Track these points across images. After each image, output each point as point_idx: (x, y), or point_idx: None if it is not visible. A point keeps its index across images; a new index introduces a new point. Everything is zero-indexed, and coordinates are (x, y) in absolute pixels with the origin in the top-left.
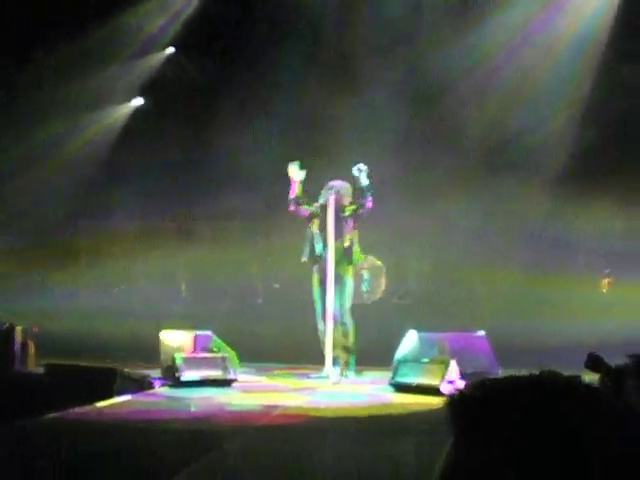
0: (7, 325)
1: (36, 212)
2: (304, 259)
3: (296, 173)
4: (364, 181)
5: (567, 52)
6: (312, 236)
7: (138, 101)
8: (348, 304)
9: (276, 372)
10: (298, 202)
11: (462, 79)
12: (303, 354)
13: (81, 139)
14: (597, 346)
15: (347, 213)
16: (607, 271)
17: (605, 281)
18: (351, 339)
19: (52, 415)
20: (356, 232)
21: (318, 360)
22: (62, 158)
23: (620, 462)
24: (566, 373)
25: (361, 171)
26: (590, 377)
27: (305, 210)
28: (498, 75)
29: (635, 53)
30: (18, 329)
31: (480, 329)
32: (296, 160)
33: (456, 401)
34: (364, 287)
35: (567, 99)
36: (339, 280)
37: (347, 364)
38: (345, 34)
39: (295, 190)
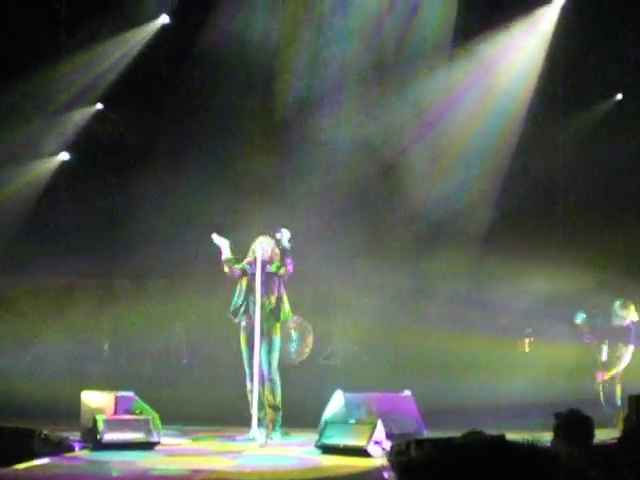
0: None
1: None
2: (228, 315)
3: (220, 240)
4: (285, 244)
5: (491, 116)
6: (239, 292)
7: (64, 156)
8: (276, 362)
9: (201, 435)
10: (230, 263)
11: (389, 141)
12: (229, 415)
13: (3, 193)
14: (519, 405)
15: (273, 269)
16: (528, 331)
17: (526, 341)
18: (278, 397)
19: None
20: (283, 290)
21: (244, 422)
22: None
23: None
24: (492, 432)
25: (283, 235)
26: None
27: (237, 270)
28: (425, 137)
29: (556, 115)
30: None
31: (406, 390)
32: (218, 227)
33: (403, 464)
34: (292, 347)
35: (490, 162)
36: (267, 338)
37: (273, 423)
38: (273, 94)
39: (225, 253)
